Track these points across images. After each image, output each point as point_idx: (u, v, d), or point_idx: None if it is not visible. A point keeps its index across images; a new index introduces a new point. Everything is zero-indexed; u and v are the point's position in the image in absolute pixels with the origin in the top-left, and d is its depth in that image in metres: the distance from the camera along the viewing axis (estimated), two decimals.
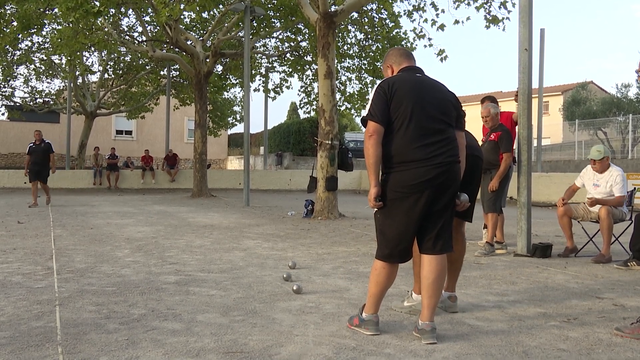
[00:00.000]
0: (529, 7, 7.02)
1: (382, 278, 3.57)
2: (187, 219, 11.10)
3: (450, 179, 3.50)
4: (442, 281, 3.54)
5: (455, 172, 3.54)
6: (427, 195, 3.43)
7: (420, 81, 3.63)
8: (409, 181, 3.43)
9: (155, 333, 3.52)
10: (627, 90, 35.63)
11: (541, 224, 10.46)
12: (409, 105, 3.47)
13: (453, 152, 3.53)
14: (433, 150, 3.45)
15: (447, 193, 3.51)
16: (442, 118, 3.55)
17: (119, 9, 16.93)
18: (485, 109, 7.20)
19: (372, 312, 3.59)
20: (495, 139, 7.07)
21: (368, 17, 17.72)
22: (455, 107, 3.68)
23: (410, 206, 3.44)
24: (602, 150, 6.82)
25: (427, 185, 3.42)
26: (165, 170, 24.66)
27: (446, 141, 3.51)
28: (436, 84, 3.70)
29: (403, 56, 3.82)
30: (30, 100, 30.76)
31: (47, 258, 6.25)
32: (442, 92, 3.65)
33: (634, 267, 6.03)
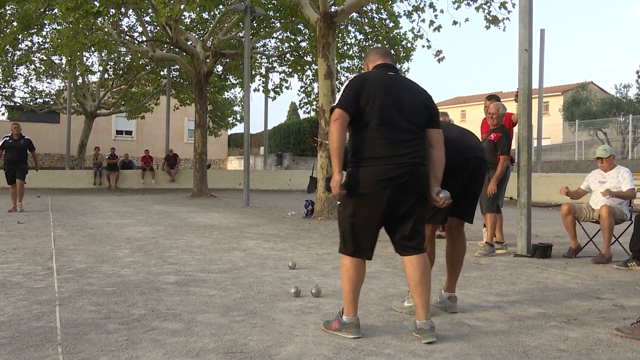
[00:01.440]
0: (529, 8, 7.02)
1: (352, 274, 3.54)
2: (187, 219, 11.11)
3: (415, 179, 3.49)
4: (428, 278, 3.51)
5: (421, 173, 3.54)
6: (390, 193, 3.44)
7: (391, 79, 3.63)
8: (373, 177, 3.44)
9: (155, 333, 3.52)
10: (627, 90, 35.68)
11: (541, 225, 10.46)
12: (378, 102, 3.48)
13: (419, 153, 3.54)
14: (398, 149, 3.46)
15: (413, 193, 3.51)
16: (411, 118, 3.54)
17: (119, 9, 16.93)
18: (495, 106, 7.12)
19: (352, 315, 3.53)
20: (495, 139, 7.03)
21: (368, 17, 17.72)
22: (428, 106, 3.65)
23: (372, 202, 3.46)
24: (608, 149, 6.91)
25: (390, 183, 3.43)
26: (165, 170, 24.67)
27: (413, 141, 3.52)
28: (408, 83, 3.70)
29: (378, 54, 3.82)
30: (31, 100, 30.78)
31: (47, 258, 6.25)
32: (413, 91, 3.64)
33: (634, 267, 6.03)
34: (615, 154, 7.42)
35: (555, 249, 7.02)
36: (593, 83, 45.54)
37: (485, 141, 7.11)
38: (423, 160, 3.56)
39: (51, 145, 37.65)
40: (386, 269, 5.89)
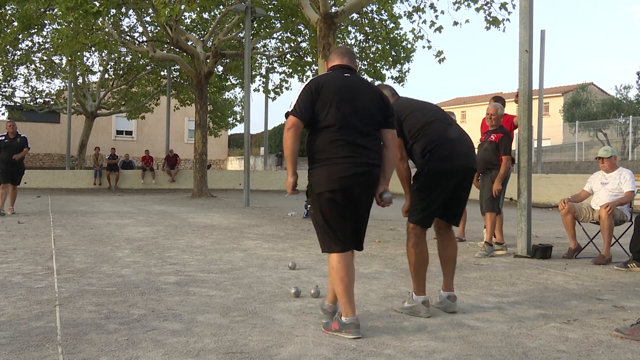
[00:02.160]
0: (529, 9, 7.02)
1: (342, 273, 3.56)
2: (187, 219, 11.11)
3: (371, 180, 3.61)
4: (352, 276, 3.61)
5: (376, 174, 3.63)
6: (349, 192, 3.55)
7: (347, 80, 3.69)
8: (332, 176, 3.53)
9: (155, 333, 3.52)
10: (627, 91, 35.70)
11: (541, 225, 10.46)
12: (334, 104, 3.56)
13: (376, 154, 3.63)
14: (356, 150, 3.55)
15: (368, 193, 3.64)
16: (366, 119, 3.61)
17: (119, 9, 16.93)
18: (493, 107, 7.16)
19: (351, 315, 3.53)
20: (496, 140, 7.03)
21: (368, 18, 17.73)
22: (382, 107, 3.70)
23: (335, 200, 3.56)
24: (610, 149, 6.95)
25: (350, 181, 3.52)
26: (165, 170, 24.68)
27: (370, 143, 3.61)
28: (363, 84, 3.76)
29: (337, 54, 3.86)
30: (31, 100, 30.80)
31: (47, 258, 6.25)
32: (368, 93, 3.69)
33: (634, 268, 6.02)
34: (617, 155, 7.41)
35: (555, 250, 7.02)
36: (593, 84, 45.56)
37: (486, 142, 7.14)
38: (378, 162, 3.65)
39: (51, 145, 37.68)
40: (386, 269, 5.89)
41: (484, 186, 7.16)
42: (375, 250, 7.26)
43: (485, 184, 7.14)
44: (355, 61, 3.89)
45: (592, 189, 6.98)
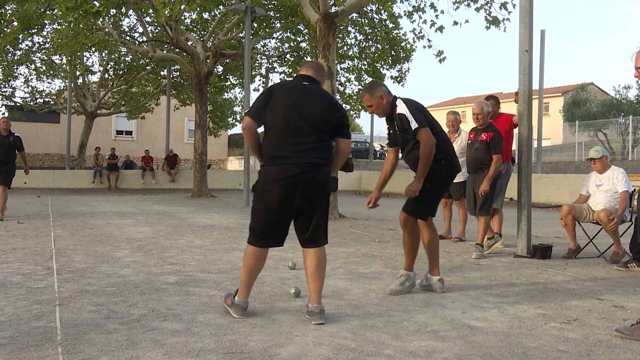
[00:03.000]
0: (529, 9, 7.02)
1: (250, 262, 3.93)
2: (187, 219, 11.11)
3: (315, 179, 3.82)
4: (322, 269, 3.90)
5: (321, 174, 3.86)
6: (289, 192, 3.79)
7: (300, 88, 4.00)
8: (273, 175, 3.82)
9: (155, 333, 3.52)
10: (627, 91, 35.70)
11: (541, 225, 10.46)
12: (283, 108, 3.86)
13: (320, 155, 3.86)
14: (299, 151, 3.81)
15: (314, 193, 3.85)
16: (313, 123, 3.85)
17: (119, 9, 16.92)
18: (478, 106, 7.02)
19: (242, 297, 3.94)
20: (487, 139, 6.88)
21: (368, 18, 17.72)
22: (334, 116, 3.94)
23: (272, 198, 3.82)
24: (600, 149, 6.90)
25: (289, 182, 3.78)
26: (165, 170, 24.67)
27: (315, 144, 3.85)
28: (319, 93, 4.00)
29: (304, 66, 4.18)
30: (31, 100, 30.79)
31: (47, 258, 6.25)
32: (321, 100, 3.95)
33: (634, 268, 6.03)
34: (614, 155, 7.43)
35: (555, 249, 7.02)
36: (593, 84, 45.57)
37: (477, 142, 6.98)
38: (324, 161, 3.89)
39: (51, 145, 37.67)
40: (386, 269, 5.90)
41: (476, 186, 6.94)
42: (375, 250, 7.26)
43: (477, 183, 6.90)
44: (323, 75, 4.17)
45: (589, 191, 6.97)
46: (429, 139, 4.54)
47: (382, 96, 4.68)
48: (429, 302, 4.46)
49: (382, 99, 4.68)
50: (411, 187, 4.63)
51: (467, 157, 7.23)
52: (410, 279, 4.86)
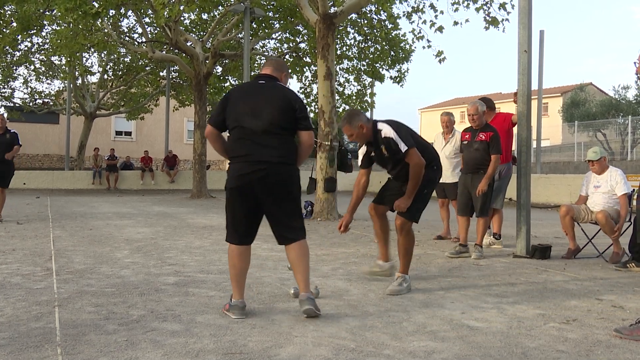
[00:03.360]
0: (528, 9, 7.03)
1: (232, 261, 4.06)
2: (187, 220, 11.10)
3: (270, 177, 3.90)
4: (302, 261, 3.98)
5: (279, 171, 3.93)
6: (248, 190, 3.93)
7: (254, 87, 4.11)
8: (233, 173, 3.98)
9: (154, 334, 3.52)
10: (626, 92, 35.72)
11: (540, 226, 10.47)
12: (238, 108, 4.01)
13: (277, 152, 3.92)
14: (254, 149, 3.92)
15: (276, 190, 3.94)
16: (269, 122, 3.93)
17: (118, 10, 16.93)
18: (472, 106, 6.93)
19: (237, 298, 3.99)
20: (487, 139, 6.80)
21: (367, 18, 17.73)
22: (289, 109, 3.97)
23: (234, 196, 3.98)
24: (598, 151, 6.83)
25: (245, 180, 3.91)
26: (164, 171, 24.67)
27: (269, 142, 3.92)
28: (274, 90, 4.06)
29: (265, 65, 4.27)
30: (30, 101, 30.77)
31: (46, 259, 6.25)
32: (276, 98, 3.99)
33: (633, 268, 6.03)
34: (613, 155, 7.43)
35: (554, 250, 7.02)
36: (592, 84, 45.58)
37: (476, 142, 6.87)
38: (282, 159, 3.94)
39: (50, 146, 37.64)
40: None
41: (473, 186, 6.82)
42: (374, 250, 7.26)
43: (476, 184, 6.78)
44: (283, 71, 4.24)
45: (587, 192, 6.97)
46: (419, 160, 4.69)
47: (362, 125, 4.73)
48: (428, 303, 4.46)
49: (362, 128, 4.74)
50: (401, 203, 4.78)
51: (465, 158, 7.07)
52: (407, 280, 4.90)
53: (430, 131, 53.40)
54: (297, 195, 4.06)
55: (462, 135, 7.18)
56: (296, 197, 4.05)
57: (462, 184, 7.05)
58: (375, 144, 4.85)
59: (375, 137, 4.79)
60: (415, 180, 4.70)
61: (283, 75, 4.24)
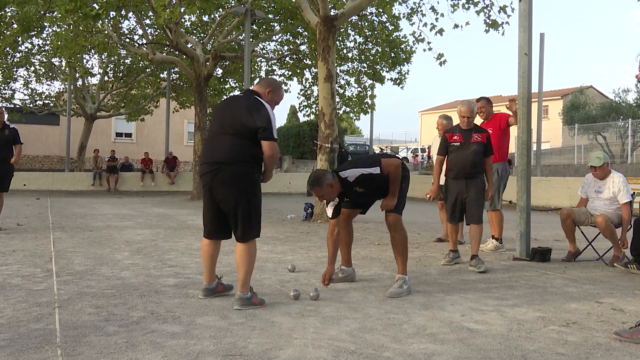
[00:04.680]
0: (528, 12, 7.03)
1: (203, 251, 4.53)
2: (187, 221, 11.10)
3: (218, 177, 4.22)
4: (243, 261, 4.27)
5: (225, 172, 4.20)
6: (206, 189, 4.35)
7: (232, 99, 4.60)
8: (199, 174, 4.44)
9: (154, 336, 3.52)
10: (626, 95, 35.74)
11: (540, 228, 10.47)
12: (213, 116, 4.52)
13: (227, 155, 4.21)
14: (210, 152, 4.31)
15: (222, 189, 4.25)
16: (227, 128, 4.27)
17: (119, 12, 16.93)
18: (468, 107, 6.42)
19: (206, 281, 4.55)
20: (483, 140, 6.39)
21: (368, 20, 17.74)
22: (250, 121, 4.20)
23: (203, 195, 4.44)
24: (602, 156, 6.74)
25: (204, 179, 4.33)
26: (164, 172, 24.67)
27: (225, 146, 4.24)
28: (241, 101, 4.38)
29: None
30: (30, 102, 30.79)
31: (46, 260, 6.25)
32: (239, 108, 4.30)
33: (633, 270, 6.03)
34: (613, 158, 7.44)
35: (554, 252, 7.02)
36: (592, 87, 45.62)
37: (472, 144, 6.36)
38: (235, 160, 4.20)
39: (51, 147, 37.66)
40: (385, 272, 5.90)
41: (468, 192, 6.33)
42: (374, 252, 7.26)
43: (471, 189, 6.32)
44: (267, 87, 4.48)
45: (587, 193, 6.96)
46: (394, 162, 4.95)
47: (330, 183, 4.81)
48: (428, 305, 4.46)
49: (331, 186, 4.82)
50: (388, 202, 4.96)
51: (456, 161, 6.41)
52: (407, 282, 4.91)
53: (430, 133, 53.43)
54: (249, 197, 4.24)
55: (449, 136, 6.54)
56: (249, 198, 4.24)
57: (455, 191, 6.44)
58: (347, 192, 4.99)
59: (345, 186, 4.93)
60: (397, 181, 4.94)
61: (267, 91, 4.46)
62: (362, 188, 4.98)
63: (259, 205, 4.34)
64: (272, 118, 4.27)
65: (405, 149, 48.53)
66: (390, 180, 4.94)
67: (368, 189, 5.02)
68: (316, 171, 5.03)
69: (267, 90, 4.46)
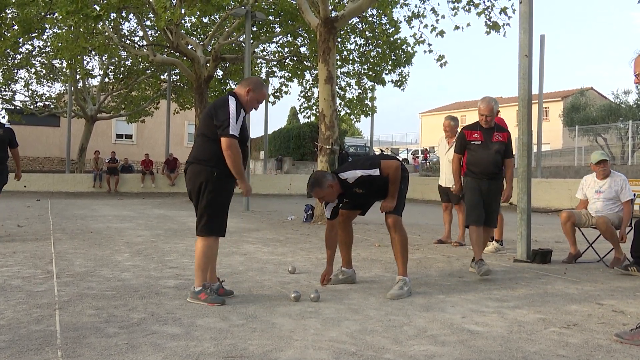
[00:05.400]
0: (529, 14, 7.03)
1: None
2: (187, 222, 11.10)
3: (186, 174, 4.50)
4: (198, 255, 4.45)
5: (190, 170, 4.47)
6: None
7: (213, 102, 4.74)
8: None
9: (154, 337, 3.51)
10: (626, 96, 35.76)
11: (541, 230, 10.46)
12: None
13: (193, 154, 4.49)
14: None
15: (188, 186, 4.50)
16: (199, 128, 4.54)
17: (119, 13, 16.96)
18: (487, 105, 6.11)
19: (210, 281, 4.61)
20: (504, 139, 6.17)
21: (368, 22, 17.75)
22: (211, 119, 4.38)
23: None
24: (605, 153, 6.88)
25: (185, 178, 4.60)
26: (165, 174, 24.66)
27: (195, 146, 4.53)
28: (214, 103, 4.55)
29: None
30: (31, 103, 30.81)
31: (46, 262, 6.25)
32: (207, 109, 4.52)
33: (634, 272, 6.02)
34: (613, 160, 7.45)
35: (555, 254, 7.02)
36: (593, 89, 45.65)
37: (494, 143, 6.13)
38: (196, 160, 4.43)
39: (51, 148, 37.69)
40: (386, 273, 5.89)
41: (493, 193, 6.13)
42: (375, 254, 7.26)
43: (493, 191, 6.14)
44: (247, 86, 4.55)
45: (586, 195, 6.95)
46: (393, 164, 4.97)
47: (330, 184, 4.87)
48: (428, 307, 4.46)
49: (331, 187, 4.87)
50: (388, 204, 4.96)
51: (478, 160, 6.14)
52: (407, 284, 4.91)
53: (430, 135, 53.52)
54: (207, 194, 4.38)
55: (468, 134, 6.26)
56: (207, 195, 4.38)
57: (477, 191, 6.11)
58: (346, 193, 5.03)
59: (344, 188, 4.97)
60: (397, 183, 4.95)
61: (247, 90, 4.54)
62: (361, 189, 5.01)
63: (218, 204, 4.45)
64: (233, 114, 4.30)
65: (406, 150, 48.58)
66: (389, 182, 4.96)
67: (367, 190, 5.04)
68: (316, 173, 5.05)
69: (246, 90, 4.54)
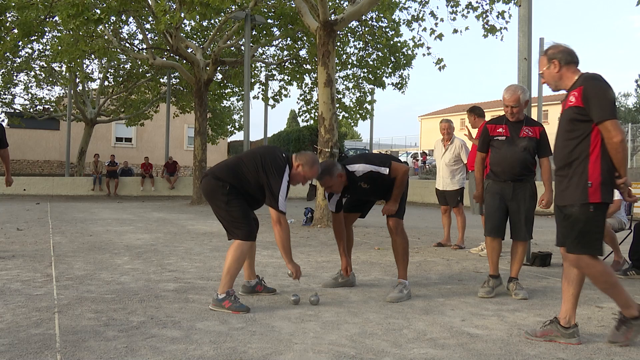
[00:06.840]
0: (528, 17, 7.05)
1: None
2: (187, 226, 11.10)
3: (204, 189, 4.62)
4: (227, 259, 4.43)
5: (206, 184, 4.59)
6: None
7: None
8: None
9: (154, 341, 3.51)
10: (626, 99, 35.83)
11: (541, 233, 10.46)
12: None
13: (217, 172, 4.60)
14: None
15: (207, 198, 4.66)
16: (241, 162, 4.63)
17: (119, 17, 16.96)
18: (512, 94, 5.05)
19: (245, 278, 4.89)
20: (536, 135, 5.13)
21: (368, 26, 17.77)
22: (260, 168, 4.53)
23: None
24: None
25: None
26: (164, 177, 24.67)
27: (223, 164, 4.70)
28: (273, 155, 4.62)
29: None
30: (30, 107, 30.82)
31: (46, 265, 6.25)
32: (263, 154, 4.62)
33: (633, 276, 6.02)
34: None
35: (554, 257, 7.01)
36: None
37: (522, 139, 5.12)
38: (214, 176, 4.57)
39: (51, 152, 37.68)
40: (385, 277, 5.89)
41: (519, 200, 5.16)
42: (374, 257, 7.26)
43: (520, 196, 5.16)
44: (301, 159, 4.64)
45: None
46: (403, 167, 4.97)
47: (340, 174, 4.87)
48: (428, 310, 4.46)
49: (341, 177, 4.88)
50: (390, 207, 5.01)
51: (502, 159, 5.14)
52: (407, 287, 4.92)
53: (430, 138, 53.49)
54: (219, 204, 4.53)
55: (492, 128, 5.27)
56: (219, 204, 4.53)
57: (497, 197, 5.18)
58: (351, 186, 5.01)
59: (350, 180, 4.96)
60: (402, 187, 4.98)
61: (297, 164, 4.68)
62: (366, 184, 5.00)
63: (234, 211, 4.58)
64: (284, 190, 4.63)
65: (405, 153, 48.58)
66: (395, 185, 4.96)
67: (372, 186, 5.01)
68: (326, 161, 5.05)
69: (297, 164, 4.65)
